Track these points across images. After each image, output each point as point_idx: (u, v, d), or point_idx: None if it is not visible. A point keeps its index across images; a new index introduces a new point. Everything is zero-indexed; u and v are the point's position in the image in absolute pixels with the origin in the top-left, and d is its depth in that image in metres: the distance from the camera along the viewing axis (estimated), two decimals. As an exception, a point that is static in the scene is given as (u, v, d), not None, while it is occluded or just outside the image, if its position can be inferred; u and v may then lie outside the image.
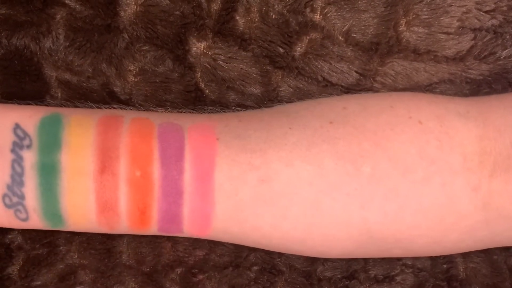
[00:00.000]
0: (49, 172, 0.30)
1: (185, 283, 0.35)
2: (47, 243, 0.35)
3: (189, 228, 0.31)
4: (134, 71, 0.35)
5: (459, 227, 0.31)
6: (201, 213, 0.31)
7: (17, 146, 0.30)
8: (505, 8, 0.34)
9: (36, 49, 0.35)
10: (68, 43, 0.35)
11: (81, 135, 0.30)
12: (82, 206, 0.30)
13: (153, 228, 0.31)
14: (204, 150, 0.30)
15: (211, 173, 0.30)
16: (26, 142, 0.30)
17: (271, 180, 0.30)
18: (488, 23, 0.34)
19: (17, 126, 0.31)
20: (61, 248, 0.35)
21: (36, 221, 0.31)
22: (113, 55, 0.35)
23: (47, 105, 0.34)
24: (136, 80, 0.35)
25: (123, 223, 0.31)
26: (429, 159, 0.30)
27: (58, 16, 0.34)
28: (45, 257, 0.35)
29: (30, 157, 0.30)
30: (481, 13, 0.34)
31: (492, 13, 0.34)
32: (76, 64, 0.35)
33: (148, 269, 0.35)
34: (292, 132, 0.31)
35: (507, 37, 0.34)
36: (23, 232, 0.35)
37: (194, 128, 0.31)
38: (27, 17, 0.34)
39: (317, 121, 0.31)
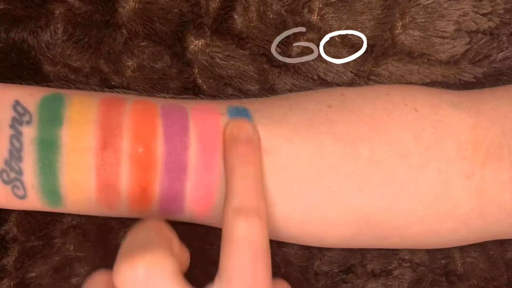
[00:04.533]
0: (48, 148, 0.30)
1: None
2: (43, 235, 0.35)
3: (191, 205, 0.31)
4: (132, 67, 0.35)
5: (454, 215, 0.31)
6: (204, 186, 0.31)
7: (17, 122, 0.30)
8: (501, 11, 0.34)
9: (33, 43, 0.35)
10: (66, 37, 0.35)
11: (83, 113, 0.30)
12: (81, 183, 0.30)
13: (153, 208, 0.31)
14: (209, 124, 0.31)
15: (217, 144, 0.30)
16: (26, 118, 0.30)
17: (272, 153, 0.30)
18: (484, 26, 0.34)
19: (17, 103, 0.30)
20: (56, 240, 0.35)
21: (34, 199, 0.31)
22: (111, 50, 0.35)
23: (49, 86, 0.34)
24: (134, 75, 0.35)
25: (123, 202, 0.31)
26: (425, 145, 0.31)
27: (57, 12, 0.34)
28: (40, 249, 0.35)
29: (29, 133, 0.30)
30: (478, 16, 0.34)
31: (488, 16, 0.34)
32: (74, 58, 0.35)
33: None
34: (292, 114, 0.31)
35: (504, 39, 0.35)
36: (18, 223, 0.35)
37: (197, 108, 0.31)
38: (26, 12, 0.34)
39: (316, 105, 0.32)
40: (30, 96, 0.31)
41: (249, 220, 0.27)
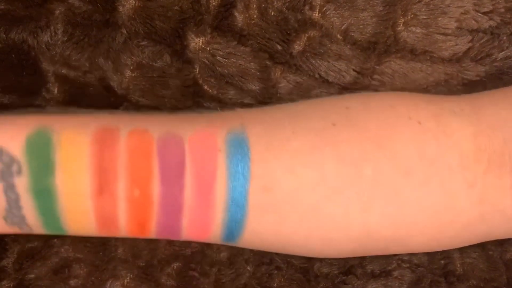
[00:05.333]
0: (45, 196, 0.29)
1: (181, 278, 0.35)
2: (42, 236, 0.35)
3: (187, 236, 0.32)
4: (132, 66, 0.35)
5: (456, 224, 0.31)
6: (200, 223, 0.31)
7: (6, 174, 0.29)
8: (502, 10, 0.34)
9: (33, 43, 0.35)
10: (66, 38, 0.35)
11: (75, 157, 0.29)
12: (82, 223, 0.30)
13: (152, 236, 0.32)
14: (205, 164, 0.30)
15: (212, 186, 0.30)
16: (14, 168, 0.29)
17: (273, 188, 0.30)
18: (485, 25, 0.34)
19: (0, 151, 0.29)
20: (55, 241, 0.35)
21: (40, 232, 0.32)
22: (110, 49, 0.35)
23: (33, 112, 0.32)
24: (133, 75, 0.35)
25: (123, 233, 0.31)
26: (428, 160, 0.30)
27: (57, 12, 0.34)
28: (39, 250, 0.35)
29: (22, 182, 0.29)
30: (479, 14, 0.34)
31: (489, 15, 0.34)
32: (73, 58, 0.35)
33: (143, 264, 0.35)
34: (295, 137, 0.31)
35: (504, 38, 0.35)
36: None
37: (195, 139, 0.30)
38: (26, 12, 0.34)
39: (319, 123, 0.31)
40: (13, 140, 0.29)
41: None
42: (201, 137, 0.30)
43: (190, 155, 0.30)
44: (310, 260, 0.36)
